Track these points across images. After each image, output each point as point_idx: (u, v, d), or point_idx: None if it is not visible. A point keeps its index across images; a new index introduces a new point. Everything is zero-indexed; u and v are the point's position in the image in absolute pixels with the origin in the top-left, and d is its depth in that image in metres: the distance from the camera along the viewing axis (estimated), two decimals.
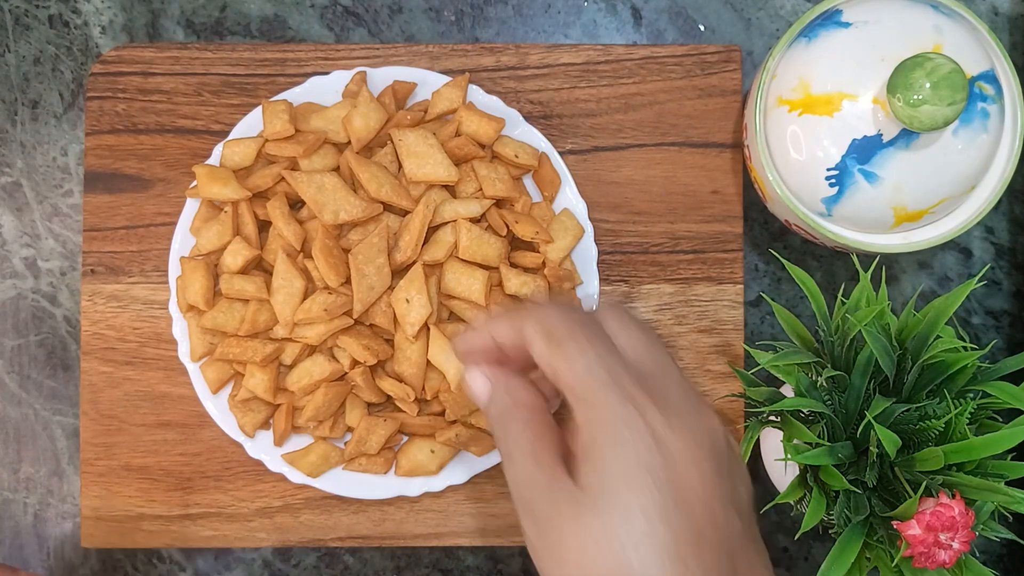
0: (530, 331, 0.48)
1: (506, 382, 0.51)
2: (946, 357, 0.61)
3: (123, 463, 0.77)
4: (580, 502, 0.45)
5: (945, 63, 0.61)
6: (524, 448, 0.48)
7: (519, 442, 0.48)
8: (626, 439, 0.45)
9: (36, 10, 0.80)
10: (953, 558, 0.57)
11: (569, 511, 0.45)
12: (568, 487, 0.46)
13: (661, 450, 0.45)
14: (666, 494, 0.44)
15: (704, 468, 0.46)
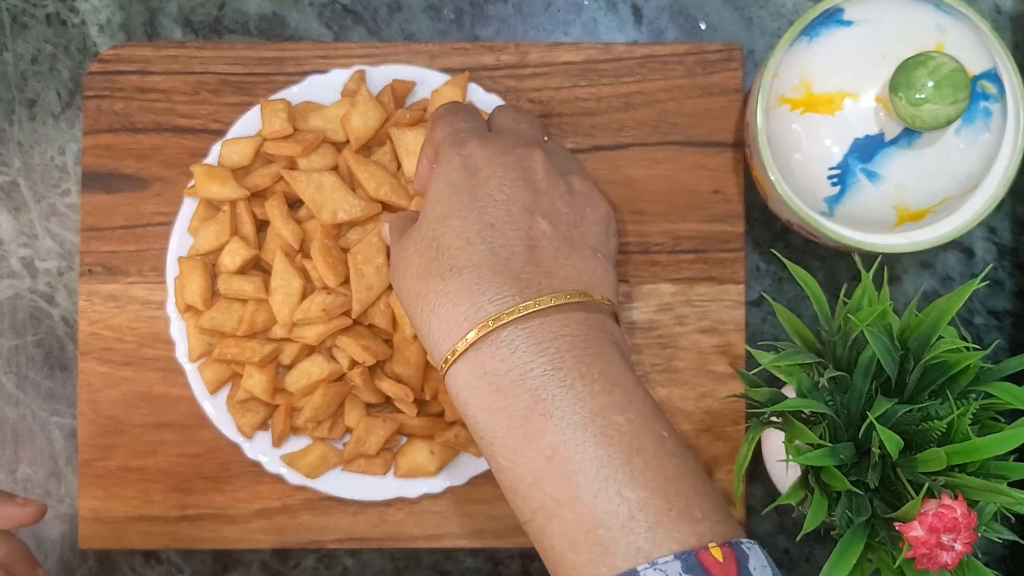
0: (431, 123, 0.62)
1: (399, 214, 0.64)
2: (948, 357, 0.61)
3: (121, 464, 0.77)
4: (412, 228, 0.58)
5: (947, 62, 0.60)
6: (394, 228, 0.61)
7: (394, 226, 0.62)
8: (443, 169, 0.58)
9: (33, 9, 0.79)
10: (955, 560, 0.57)
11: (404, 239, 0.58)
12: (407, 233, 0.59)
13: (467, 170, 0.57)
14: (463, 195, 0.56)
15: (506, 178, 0.57)
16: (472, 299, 0.53)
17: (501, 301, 0.53)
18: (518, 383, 0.52)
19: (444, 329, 0.54)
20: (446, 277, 0.54)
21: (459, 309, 0.53)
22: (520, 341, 0.53)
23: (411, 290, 0.56)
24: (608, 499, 0.49)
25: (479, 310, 0.53)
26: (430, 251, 0.55)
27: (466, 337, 0.53)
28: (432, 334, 0.54)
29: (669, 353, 0.78)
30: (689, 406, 0.77)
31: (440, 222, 0.56)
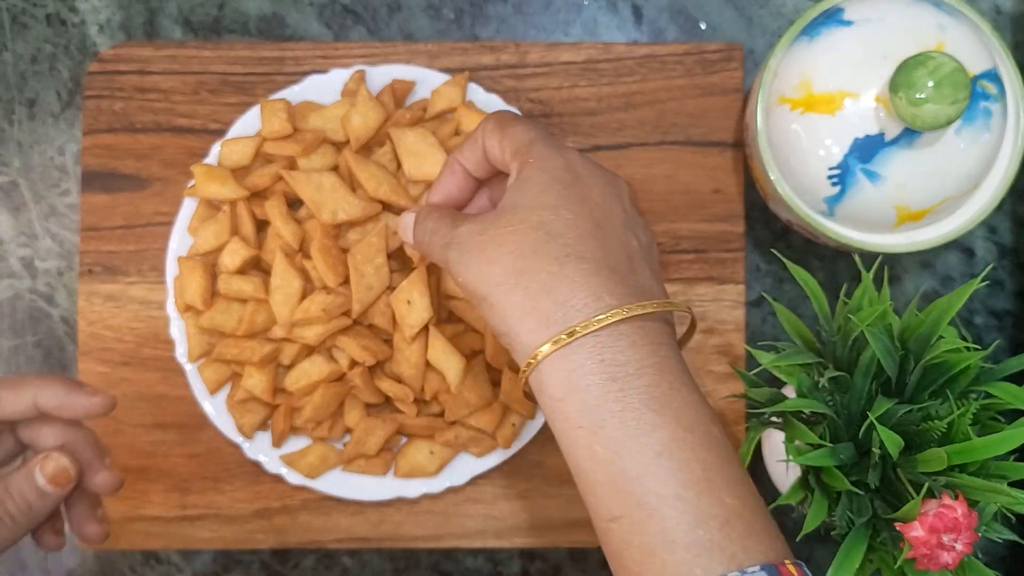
0: (486, 124, 0.60)
1: (430, 207, 0.62)
2: (948, 358, 0.61)
3: (121, 464, 0.77)
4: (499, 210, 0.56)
5: (947, 62, 0.60)
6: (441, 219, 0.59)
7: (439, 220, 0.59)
8: (547, 165, 0.57)
9: (33, 8, 0.79)
10: (956, 560, 0.57)
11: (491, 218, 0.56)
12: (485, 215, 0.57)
13: (572, 172, 0.57)
14: (571, 192, 0.56)
15: (607, 192, 0.59)
16: (592, 288, 0.54)
17: (621, 295, 0.54)
18: (634, 377, 0.52)
19: (558, 311, 0.53)
20: (563, 262, 0.54)
21: (578, 295, 0.53)
22: (637, 337, 0.53)
23: (510, 266, 0.54)
24: (710, 502, 0.51)
25: (599, 299, 0.53)
26: (538, 234, 0.55)
27: (593, 319, 0.53)
28: (538, 311, 0.54)
29: None
30: None
31: (550, 210, 0.55)
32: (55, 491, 0.60)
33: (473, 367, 0.73)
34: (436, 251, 0.59)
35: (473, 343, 0.73)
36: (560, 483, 0.77)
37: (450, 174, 0.62)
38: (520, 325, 0.54)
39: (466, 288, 0.56)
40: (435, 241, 0.59)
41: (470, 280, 0.56)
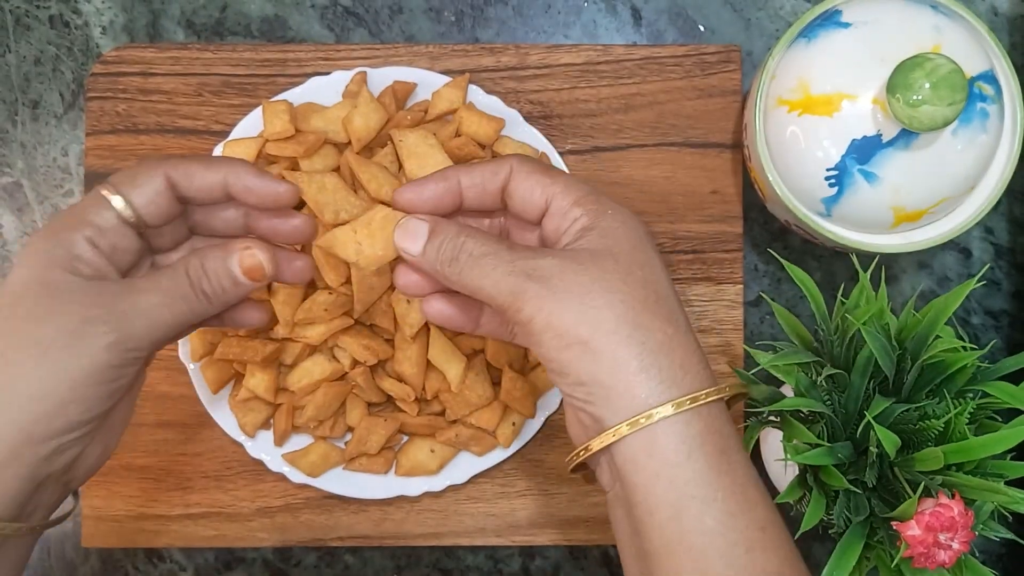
0: (521, 165, 0.58)
1: (447, 219, 0.58)
2: (945, 357, 0.61)
3: (124, 463, 0.77)
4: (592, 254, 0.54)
5: (944, 63, 0.61)
6: (494, 242, 0.55)
7: (487, 241, 0.55)
8: (630, 222, 0.56)
9: (37, 10, 0.80)
10: (953, 558, 0.58)
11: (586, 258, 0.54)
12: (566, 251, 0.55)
13: (648, 232, 0.56)
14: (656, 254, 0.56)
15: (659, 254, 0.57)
16: (699, 356, 0.54)
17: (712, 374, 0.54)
18: (735, 451, 0.53)
19: (679, 373, 0.52)
20: (676, 324, 0.53)
21: (692, 360, 0.53)
22: (727, 415, 0.54)
23: (624, 316, 0.52)
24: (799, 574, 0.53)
25: (706, 368, 0.54)
26: (648, 291, 0.53)
27: (713, 388, 0.52)
28: (659, 370, 0.52)
29: None
30: None
31: (650, 269, 0.54)
32: (248, 283, 0.57)
33: (474, 366, 0.73)
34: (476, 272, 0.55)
35: (473, 342, 0.74)
36: (560, 482, 0.78)
37: (445, 186, 0.59)
38: (634, 380, 0.51)
39: (550, 327, 0.52)
40: (483, 263, 0.54)
41: (563, 321, 0.52)
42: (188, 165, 0.56)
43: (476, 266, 0.54)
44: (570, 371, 0.52)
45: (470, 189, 0.58)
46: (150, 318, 0.53)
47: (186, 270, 0.55)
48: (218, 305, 0.57)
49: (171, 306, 0.54)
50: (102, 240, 0.54)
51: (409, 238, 0.57)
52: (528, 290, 0.53)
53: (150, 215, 0.56)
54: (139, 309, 0.53)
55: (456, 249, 0.55)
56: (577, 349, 0.52)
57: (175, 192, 0.57)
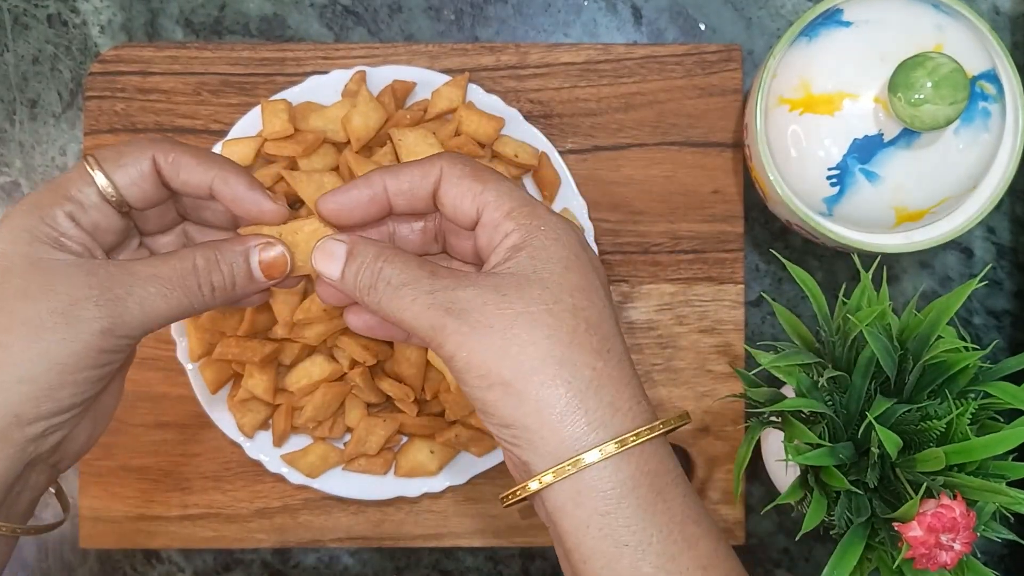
0: (451, 169, 0.53)
1: (367, 240, 0.53)
2: (947, 357, 0.61)
3: (122, 464, 0.77)
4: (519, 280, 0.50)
5: (946, 62, 0.61)
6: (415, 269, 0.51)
7: (406, 269, 0.51)
8: (564, 239, 0.51)
9: (35, 9, 0.80)
10: (954, 559, 0.57)
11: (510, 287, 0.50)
12: (490, 277, 0.50)
13: (584, 249, 0.52)
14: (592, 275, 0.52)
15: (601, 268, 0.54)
16: (631, 390, 0.50)
17: (646, 396, 0.51)
18: (671, 487, 0.50)
19: (607, 413, 0.49)
20: (606, 358, 0.50)
21: (623, 397, 0.50)
22: (666, 449, 0.51)
23: (548, 354, 0.48)
24: None
25: (639, 402, 0.50)
26: (577, 321, 0.50)
27: (644, 427, 0.49)
28: (585, 412, 0.49)
29: (669, 353, 0.78)
30: (689, 406, 0.78)
31: (582, 294, 0.51)
32: (263, 281, 0.55)
33: None
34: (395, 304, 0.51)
35: None
36: None
37: (369, 193, 0.54)
38: (559, 424, 0.48)
39: (470, 367, 0.49)
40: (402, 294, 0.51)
41: (484, 360, 0.49)
42: (180, 155, 0.54)
43: (395, 297, 0.51)
44: (494, 412, 0.49)
45: (398, 196, 0.54)
46: (145, 306, 0.51)
47: (194, 261, 0.53)
48: (220, 300, 0.54)
49: (169, 296, 0.52)
50: (83, 217, 0.52)
51: (326, 260, 0.53)
52: (447, 326, 0.49)
53: (133, 197, 0.54)
54: (135, 296, 0.51)
55: (374, 276, 0.52)
56: (499, 390, 0.49)
57: (161, 179, 0.54)
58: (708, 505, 0.77)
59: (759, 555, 0.79)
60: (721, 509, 0.77)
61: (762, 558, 0.79)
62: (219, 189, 0.54)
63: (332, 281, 0.53)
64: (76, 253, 0.52)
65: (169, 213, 0.58)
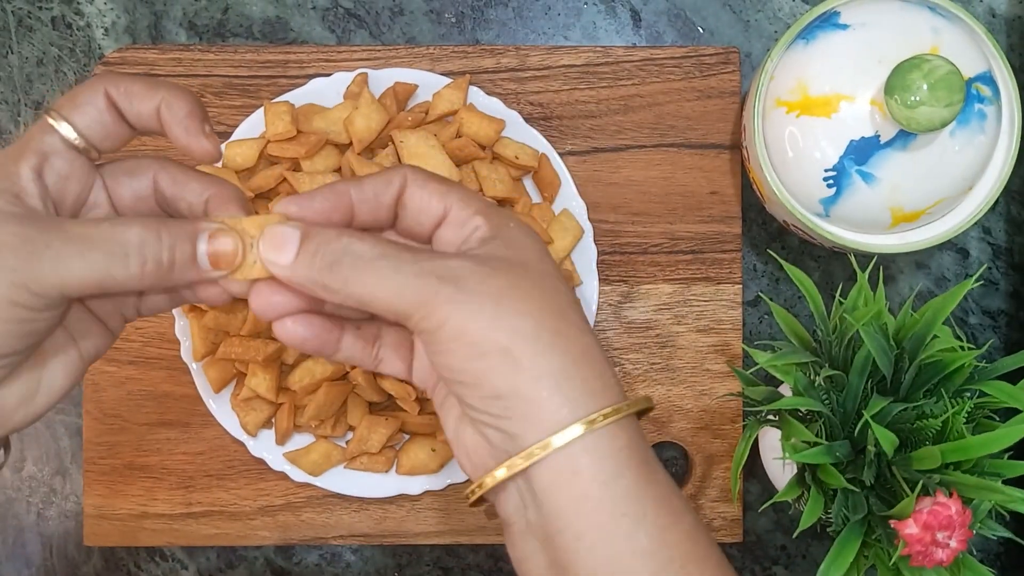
0: (415, 175, 0.51)
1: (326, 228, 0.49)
2: (943, 356, 0.62)
3: (126, 462, 0.78)
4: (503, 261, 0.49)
5: (942, 65, 0.61)
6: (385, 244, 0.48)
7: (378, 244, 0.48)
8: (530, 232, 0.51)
9: (39, 12, 0.80)
10: (950, 557, 0.58)
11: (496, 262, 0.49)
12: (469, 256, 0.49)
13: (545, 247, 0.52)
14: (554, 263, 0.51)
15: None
16: (612, 371, 0.50)
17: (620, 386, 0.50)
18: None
19: (599, 382, 0.48)
20: (591, 336, 0.50)
21: (609, 372, 0.49)
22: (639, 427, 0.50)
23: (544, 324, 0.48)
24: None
25: (618, 383, 0.49)
26: (560, 299, 0.49)
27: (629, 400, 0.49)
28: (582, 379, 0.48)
29: (667, 352, 0.78)
30: (687, 404, 0.78)
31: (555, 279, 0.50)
32: (207, 269, 0.49)
33: None
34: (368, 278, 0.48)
35: None
36: None
37: (335, 200, 0.51)
38: (556, 392, 0.47)
39: (464, 334, 0.47)
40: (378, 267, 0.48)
41: (480, 327, 0.47)
42: (130, 84, 0.50)
43: (369, 270, 0.47)
44: (484, 382, 0.47)
45: (363, 204, 0.51)
46: (59, 265, 0.47)
47: (128, 228, 0.48)
48: (151, 278, 0.48)
49: (86, 256, 0.47)
50: (48, 168, 0.49)
51: (276, 248, 0.48)
52: (440, 292, 0.47)
53: (95, 136, 0.50)
54: (52, 250, 0.47)
55: (339, 252, 0.48)
56: (495, 358, 0.47)
57: (119, 112, 0.50)
58: (706, 503, 0.78)
59: (757, 552, 0.80)
60: (719, 507, 0.78)
61: (760, 555, 0.80)
62: (164, 115, 0.50)
63: (283, 270, 0.48)
64: (29, 207, 0.48)
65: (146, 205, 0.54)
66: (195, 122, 0.51)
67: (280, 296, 0.50)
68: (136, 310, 0.54)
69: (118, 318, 0.54)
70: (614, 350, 0.78)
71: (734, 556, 0.79)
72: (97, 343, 0.53)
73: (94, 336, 0.53)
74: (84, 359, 0.53)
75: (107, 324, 0.53)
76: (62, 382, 0.52)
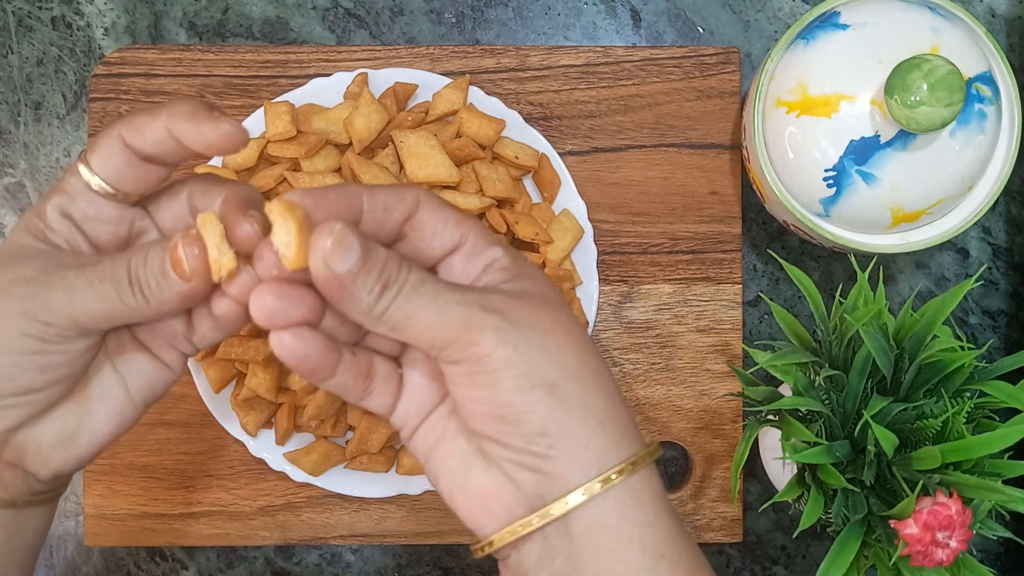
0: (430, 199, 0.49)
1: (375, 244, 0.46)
2: (943, 356, 0.62)
3: (126, 462, 0.78)
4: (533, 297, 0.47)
5: (942, 65, 0.61)
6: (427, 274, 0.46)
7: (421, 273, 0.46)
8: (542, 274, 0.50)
9: (39, 12, 0.80)
10: (950, 557, 0.58)
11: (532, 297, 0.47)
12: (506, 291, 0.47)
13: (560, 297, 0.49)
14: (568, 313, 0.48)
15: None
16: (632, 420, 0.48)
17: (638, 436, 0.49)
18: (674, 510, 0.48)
19: (630, 426, 0.47)
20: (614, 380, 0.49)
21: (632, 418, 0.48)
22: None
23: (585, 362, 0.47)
24: None
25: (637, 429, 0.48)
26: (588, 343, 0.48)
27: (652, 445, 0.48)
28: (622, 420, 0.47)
29: (667, 352, 0.78)
30: (687, 404, 0.78)
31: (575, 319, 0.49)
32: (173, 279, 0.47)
33: None
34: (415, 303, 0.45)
35: None
36: None
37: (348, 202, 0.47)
38: (601, 432, 0.45)
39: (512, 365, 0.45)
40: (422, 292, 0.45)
41: (528, 359, 0.45)
42: (137, 118, 0.49)
43: (415, 295, 0.45)
44: (532, 418, 0.45)
45: (371, 213, 0.48)
46: (70, 294, 0.47)
47: (131, 256, 0.48)
48: (154, 303, 0.47)
49: (95, 286, 0.47)
50: (73, 208, 0.49)
51: (343, 251, 0.44)
52: (487, 321, 0.45)
53: (119, 182, 0.49)
54: (65, 282, 0.47)
55: (397, 273, 0.45)
56: (543, 392, 0.45)
57: (135, 151, 0.49)
58: (706, 503, 0.78)
59: (757, 552, 0.80)
60: (719, 507, 0.78)
61: (760, 555, 0.80)
62: (171, 126, 0.48)
63: (335, 274, 0.44)
64: (53, 244, 0.49)
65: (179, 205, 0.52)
66: (202, 111, 0.48)
67: (283, 303, 0.45)
68: (189, 342, 0.51)
69: (173, 354, 0.51)
70: (614, 350, 0.78)
71: (734, 556, 0.80)
72: (151, 381, 0.52)
73: (146, 375, 0.51)
74: (135, 401, 0.51)
75: (161, 359, 0.51)
76: (106, 423, 0.51)
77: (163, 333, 0.51)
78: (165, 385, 0.52)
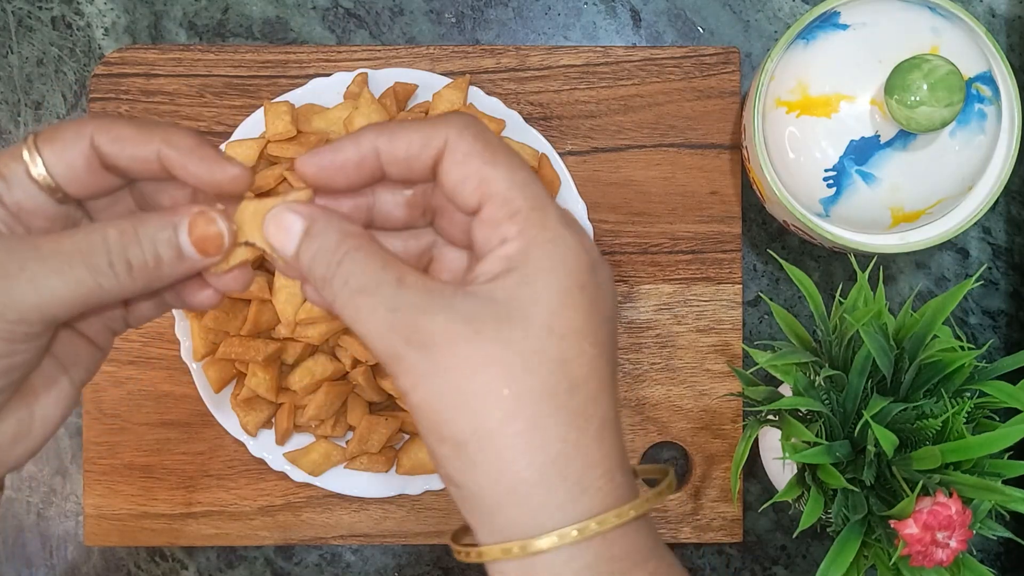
0: (458, 142, 0.43)
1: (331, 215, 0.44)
2: (943, 357, 0.62)
3: (126, 462, 0.78)
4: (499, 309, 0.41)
5: (942, 65, 0.61)
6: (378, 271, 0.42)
7: (368, 268, 0.42)
8: (568, 257, 0.42)
9: (39, 12, 0.80)
10: (950, 557, 0.58)
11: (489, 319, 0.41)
12: (467, 299, 0.41)
13: (594, 274, 0.43)
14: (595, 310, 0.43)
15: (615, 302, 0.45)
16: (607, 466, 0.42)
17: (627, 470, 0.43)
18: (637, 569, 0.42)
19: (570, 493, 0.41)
20: (582, 427, 0.41)
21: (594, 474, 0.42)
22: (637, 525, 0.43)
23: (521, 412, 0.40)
24: None
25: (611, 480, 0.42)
26: (558, 378, 0.41)
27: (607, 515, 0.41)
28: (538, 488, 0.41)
29: (667, 352, 0.78)
30: (687, 404, 0.78)
31: (572, 339, 0.42)
32: (196, 258, 0.44)
33: None
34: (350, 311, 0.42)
35: None
36: None
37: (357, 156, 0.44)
38: (512, 499, 0.41)
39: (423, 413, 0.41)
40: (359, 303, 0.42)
41: (439, 410, 0.41)
42: (121, 129, 0.44)
43: (350, 303, 0.42)
44: (443, 467, 0.42)
45: (392, 166, 0.44)
46: (38, 284, 0.42)
47: (104, 235, 0.43)
48: (142, 282, 0.44)
49: (66, 273, 0.42)
50: (7, 195, 0.44)
51: (280, 233, 0.44)
52: (406, 359, 0.41)
53: (68, 182, 0.45)
54: (28, 272, 0.42)
55: (332, 267, 0.43)
56: (450, 447, 0.41)
57: (103, 160, 0.45)
58: (706, 503, 0.78)
59: (757, 552, 0.80)
60: (719, 507, 0.78)
61: (760, 555, 0.80)
62: (168, 155, 0.44)
63: (287, 258, 0.44)
64: None
65: (121, 203, 0.48)
66: (209, 149, 0.45)
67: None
68: (124, 322, 0.49)
69: (106, 335, 0.49)
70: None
71: (734, 556, 0.80)
72: (88, 366, 0.49)
73: (84, 360, 0.49)
74: (76, 385, 0.48)
75: (96, 343, 0.49)
76: (56, 413, 0.48)
77: (102, 318, 0.48)
78: (98, 366, 0.50)
